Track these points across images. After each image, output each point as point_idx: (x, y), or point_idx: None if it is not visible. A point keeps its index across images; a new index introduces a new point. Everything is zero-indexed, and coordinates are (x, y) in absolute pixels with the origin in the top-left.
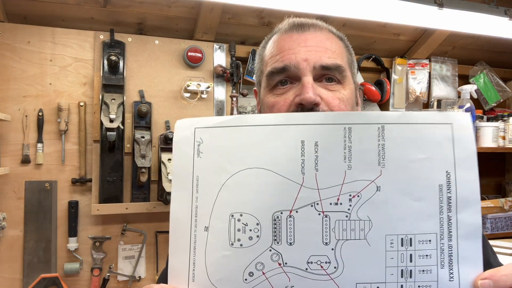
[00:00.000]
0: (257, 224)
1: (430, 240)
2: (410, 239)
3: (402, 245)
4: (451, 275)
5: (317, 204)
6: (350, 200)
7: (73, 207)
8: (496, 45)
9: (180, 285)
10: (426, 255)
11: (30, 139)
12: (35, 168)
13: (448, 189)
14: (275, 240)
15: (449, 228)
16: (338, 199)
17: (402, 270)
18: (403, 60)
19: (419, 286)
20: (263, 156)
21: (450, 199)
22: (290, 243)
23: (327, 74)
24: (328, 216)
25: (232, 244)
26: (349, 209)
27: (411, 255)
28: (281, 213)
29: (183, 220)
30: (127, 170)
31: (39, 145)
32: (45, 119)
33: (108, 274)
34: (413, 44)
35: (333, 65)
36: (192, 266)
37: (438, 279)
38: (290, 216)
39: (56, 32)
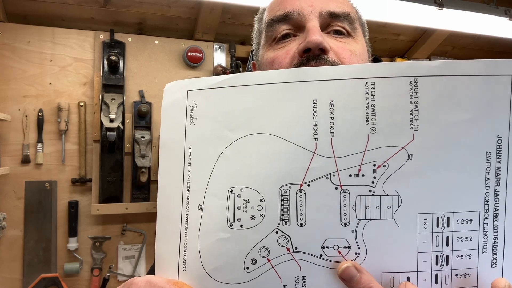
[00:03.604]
0: (261, 200)
1: (471, 220)
2: (448, 218)
3: (437, 226)
4: (494, 261)
5: (334, 176)
6: (374, 171)
7: (73, 207)
8: (496, 45)
9: (169, 275)
10: (466, 238)
11: (30, 139)
12: (35, 168)
13: (497, 158)
14: (283, 220)
15: (496, 205)
16: (359, 170)
17: (437, 256)
18: (403, 60)
19: (456, 275)
20: (268, 120)
21: (500, 170)
22: (301, 224)
23: (335, 25)
24: (347, 191)
25: (231, 225)
26: (373, 182)
27: (447, 237)
28: (290, 187)
29: (172, 198)
30: (127, 170)
31: (39, 145)
32: (45, 119)
33: (108, 274)
34: (413, 44)
35: (342, 12)
36: (183, 253)
37: (478, 266)
38: (301, 191)
39: (56, 32)
